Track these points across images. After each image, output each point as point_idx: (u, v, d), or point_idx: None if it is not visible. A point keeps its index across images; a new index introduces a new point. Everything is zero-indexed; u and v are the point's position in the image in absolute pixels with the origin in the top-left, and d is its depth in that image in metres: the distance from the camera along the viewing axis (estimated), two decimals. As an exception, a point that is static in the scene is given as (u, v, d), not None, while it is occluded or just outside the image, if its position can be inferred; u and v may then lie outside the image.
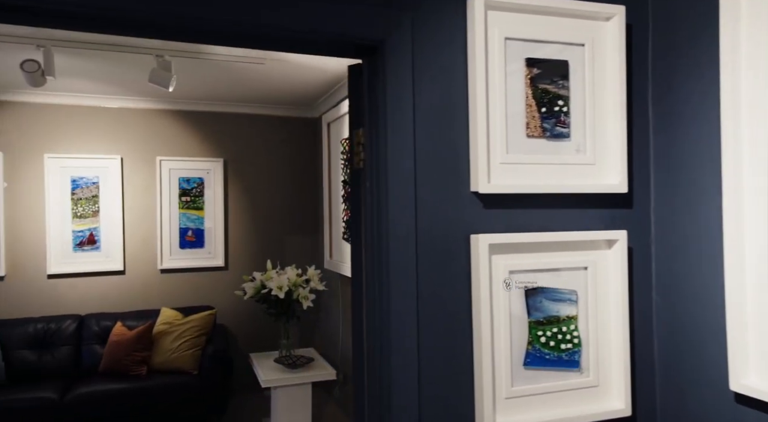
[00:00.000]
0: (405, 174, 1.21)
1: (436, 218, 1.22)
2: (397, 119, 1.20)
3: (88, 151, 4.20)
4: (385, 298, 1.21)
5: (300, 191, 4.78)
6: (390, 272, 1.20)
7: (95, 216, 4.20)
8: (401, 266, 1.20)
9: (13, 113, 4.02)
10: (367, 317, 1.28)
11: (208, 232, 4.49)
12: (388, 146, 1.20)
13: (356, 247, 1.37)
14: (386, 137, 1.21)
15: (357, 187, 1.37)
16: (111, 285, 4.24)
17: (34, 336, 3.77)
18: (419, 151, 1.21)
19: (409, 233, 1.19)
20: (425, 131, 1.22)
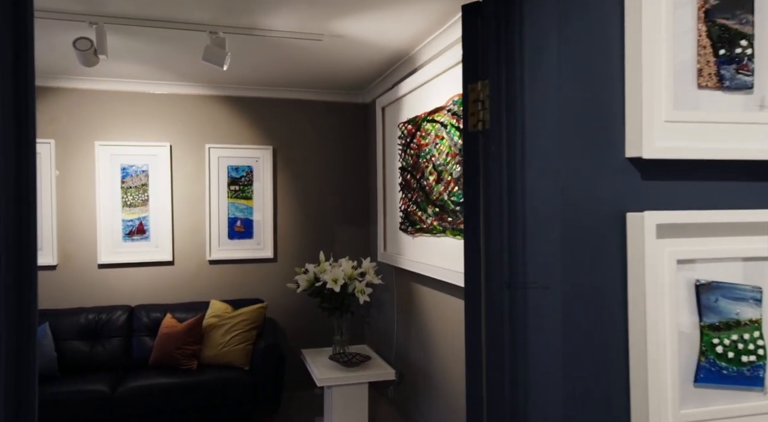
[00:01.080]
0: (546, 135, 0.95)
1: (582, 192, 0.96)
2: (536, 65, 0.94)
3: (138, 138, 4.10)
4: (520, 299, 0.95)
5: (351, 180, 4.57)
6: (527, 263, 0.94)
7: (144, 205, 4.10)
8: (542, 256, 0.94)
9: (65, 100, 3.95)
10: (489, 326, 1.03)
11: (257, 222, 4.33)
12: (525, 100, 0.95)
13: (473, 234, 1.12)
14: (522, 90, 0.95)
15: (473, 154, 1.12)
16: (160, 276, 4.13)
17: (85, 326, 3.69)
18: (563, 106, 0.95)
19: (553, 212, 0.94)
20: (571, 81, 0.96)
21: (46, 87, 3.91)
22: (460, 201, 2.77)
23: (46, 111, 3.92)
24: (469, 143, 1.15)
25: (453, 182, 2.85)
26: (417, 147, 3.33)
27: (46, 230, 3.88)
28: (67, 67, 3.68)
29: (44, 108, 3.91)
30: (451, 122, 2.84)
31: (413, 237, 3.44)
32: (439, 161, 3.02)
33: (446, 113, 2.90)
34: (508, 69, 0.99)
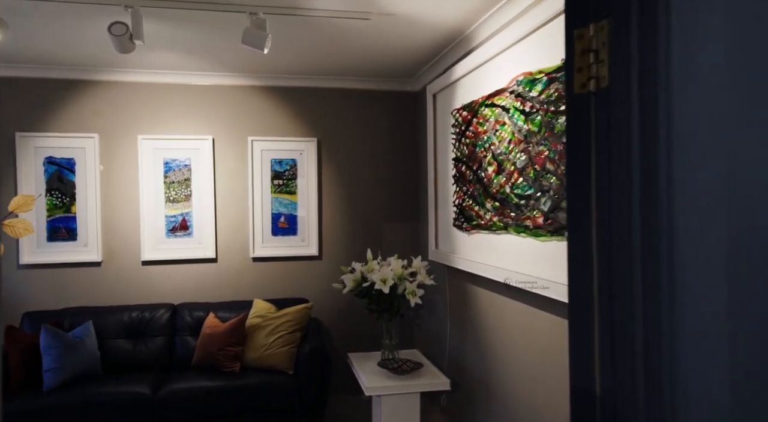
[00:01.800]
0: (708, 93, 0.65)
1: (754, 167, 0.66)
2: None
3: (181, 131, 3.98)
4: (665, 315, 0.66)
5: (399, 173, 4.31)
6: (674, 268, 0.65)
7: (187, 200, 3.98)
8: (698, 258, 0.65)
9: (108, 93, 3.88)
10: (617, 350, 0.75)
11: (301, 218, 4.14)
12: (673, 40, 0.65)
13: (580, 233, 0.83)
14: (668, 25, 0.66)
15: (580, 125, 0.83)
16: (203, 273, 4.01)
17: (129, 324, 3.60)
18: (740, 46, 0.65)
19: (717, 202, 0.64)
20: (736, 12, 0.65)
21: (88, 80, 3.84)
22: (524, 194, 2.46)
23: (89, 104, 3.85)
24: (574, 110, 0.86)
25: (516, 172, 2.54)
26: (473, 135, 3.03)
27: (91, 226, 3.83)
28: (110, 60, 3.59)
29: (88, 101, 3.85)
30: (515, 105, 2.53)
31: (469, 234, 3.15)
32: (500, 150, 2.71)
33: (509, 95, 2.59)
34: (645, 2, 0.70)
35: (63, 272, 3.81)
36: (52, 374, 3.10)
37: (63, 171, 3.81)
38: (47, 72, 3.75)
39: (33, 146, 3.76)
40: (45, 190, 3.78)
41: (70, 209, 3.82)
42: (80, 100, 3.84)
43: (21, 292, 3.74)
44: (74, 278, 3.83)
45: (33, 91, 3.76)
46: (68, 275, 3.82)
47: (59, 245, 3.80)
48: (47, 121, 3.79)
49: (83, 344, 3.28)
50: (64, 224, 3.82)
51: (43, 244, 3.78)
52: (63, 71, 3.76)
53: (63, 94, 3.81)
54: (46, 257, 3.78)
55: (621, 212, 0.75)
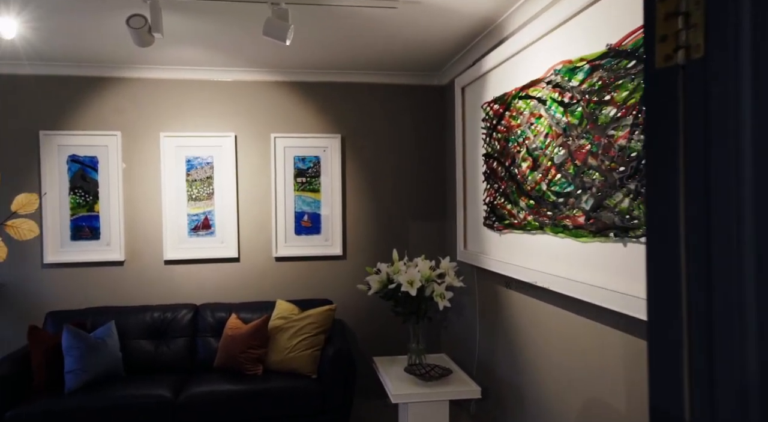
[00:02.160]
0: None
1: None
2: None
3: (203, 128, 3.91)
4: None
5: (426, 170, 4.17)
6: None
7: (209, 199, 3.91)
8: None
9: (130, 90, 3.83)
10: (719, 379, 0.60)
11: (324, 217, 4.04)
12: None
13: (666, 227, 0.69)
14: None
15: (664, 105, 0.68)
16: (225, 273, 3.94)
17: (151, 325, 3.55)
18: None
19: None
20: None
21: (110, 77, 3.80)
22: (563, 191, 2.30)
23: (111, 102, 3.81)
24: (655, 88, 0.71)
25: (554, 168, 2.37)
26: (506, 129, 2.87)
27: (114, 225, 3.79)
28: (131, 57, 3.54)
29: (110, 99, 3.81)
30: (552, 97, 2.36)
31: (500, 234, 2.99)
32: (535, 145, 2.54)
33: (545, 85, 2.42)
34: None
35: (86, 271, 3.78)
36: (74, 375, 3.05)
37: (86, 169, 3.78)
38: (70, 70, 3.72)
39: (57, 145, 3.74)
40: (68, 188, 3.75)
41: (93, 207, 3.79)
42: (102, 98, 3.80)
43: (45, 291, 3.73)
44: (97, 278, 3.79)
45: (56, 89, 3.74)
46: (91, 274, 3.79)
47: (82, 244, 3.78)
48: (70, 119, 3.77)
49: (105, 345, 3.23)
50: (87, 223, 3.79)
51: (67, 243, 3.76)
52: (85, 69, 3.73)
53: (85, 92, 3.78)
54: (69, 257, 3.75)
55: (724, 210, 0.60)
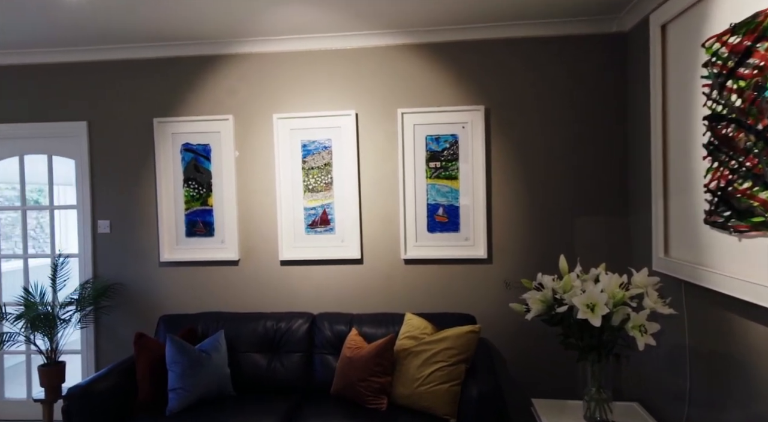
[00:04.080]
0: None
1: None
2: None
3: (319, 107, 3.34)
4: None
5: (599, 149, 3.14)
6: None
7: (328, 190, 3.33)
8: None
9: (242, 68, 3.38)
10: None
11: (464, 210, 3.23)
12: None
13: None
14: None
15: None
16: (346, 278, 3.34)
17: (263, 336, 3.07)
18: None
19: None
20: None
21: (222, 55, 3.38)
22: None
23: (223, 82, 3.40)
24: None
25: None
26: (758, 72, 1.79)
27: (228, 220, 3.39)
28: (242, 29, 3.06)
29: (222, 79, 3.40)
30: None
31: (739, 237, 1.92)
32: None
33: None
34: None
35: (200, 270, 3.44)
36: (176, 395, 2.66)
37: (199, 159, 3.42)
38: (181, 49, 3.37)
39: (170, 133, 3.43)
40: (182, 180, 3.43)
41: (206, 201, 3.43)
42: (215, 79, 3.40)
43: (160, 292, 3.46)
44: (211, 278, 3.43)
45: (168, 72, 3.42)
46: (205, 274, 3.44)
47: (197, 241, 3.44)
48: (183, 104, 3.43)
49: (210, 360, 2.80)
50: (201, 217, 3.44)
51: (182, 240, 3.45)
52: (197, 47, 3.35)
53: (197, 74, 3.41)
54: (184, 255, 3.44)
55: None
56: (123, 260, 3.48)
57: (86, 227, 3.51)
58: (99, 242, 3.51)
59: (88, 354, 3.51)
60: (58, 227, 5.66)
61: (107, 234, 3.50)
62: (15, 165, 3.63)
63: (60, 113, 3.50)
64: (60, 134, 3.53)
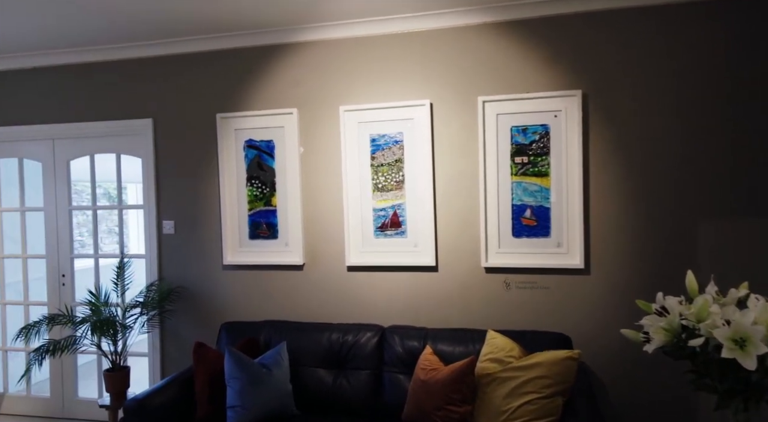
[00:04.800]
0: None
1: None
2: None
3: (390, 97, 3.01)
4: None
5: (730, 137, 2.58)
6: None
7: (399, 188, 3.01)
8: None
9: (306, 57, 3.13)
10: None
11: (556, 212, 2.79)
12: None
13: None
14: None
15: None
16: (419, 286, 3.00)
17: (329, 349, 2.81)
18: None
19: None
20: None
21: (285, 44, 3.14)
22: None
23: (286, 74, 3.16)
24: None
25: None
26: None
27: (292, 222, 3.16)
28: (307, 13, 2.80)
29: (285, 70, 3.16)
30: None
31: None
32: None
33: None
34: None
35: (263, 275, 3.24)
36: (235, 413, 2.44)
37: (263, 156, 3.21)
38: (243, 40, 3.17)
39: (233, 129, 3.24)
40: (245, 179, 3.24)
41: (270, 200, 3.22)
42: (278, 70, 3.17)
43: (223, 296, 3.29)
44: (275, 283, 3.22)
45: (231, 64, 3.24)
46: (269, 279, 3.23)
47: (260, 243, 3.24)
48: (246, 98, 3.23)
49: (270, 375, 2.56)
50: (264, 218, 3.23)
51: (246, 242, 3.26)
52: (259, 37, 3.14)
53: (260, 65, 3.19)
54: (247, 258, 3.25)
55: None
56: (186, 262, 3.35)
57: (152, 227, 3.41)
58: (164, 243, 3.40)
59: (154, 357, 3.42)
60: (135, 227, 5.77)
61: (171, 235, 3.38)
62: (105, 164, 3.59)
63: (126, 111, 3.42)
64: (127, 132, 3.46)
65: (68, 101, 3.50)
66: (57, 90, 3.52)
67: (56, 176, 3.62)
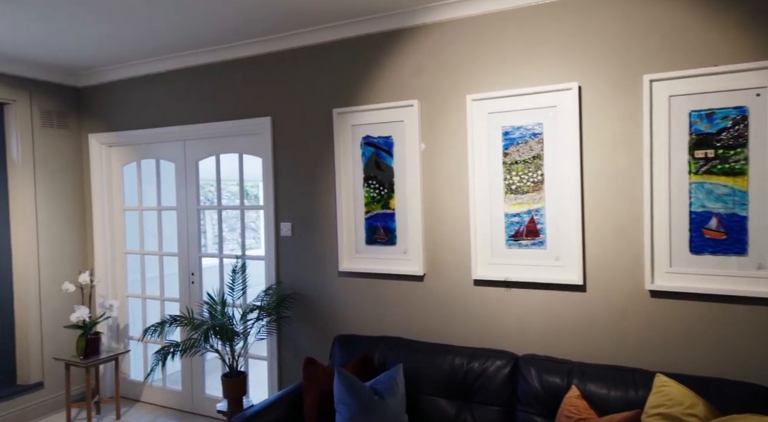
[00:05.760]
0: None
1: None
2: None
3: (526, 82, 2.53)
4: None
5: None
6: None
7: (537, 190, 2.51)
8: None
9: (429, 41, 2.76)
10: None
11: (755, 222, 2.10)
12: None
13: None
14: None
15: None
16: (561, 308, 2.48)
17: (451, 376, 2.43)
18: None
19: None
20: None
21: (405, 28, 2.80)
22: None
23: (408, 61, 2.83)
24: None
25: None
26: None
27: (412, 226, 2.83)
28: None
29: (405, 57, 2.83)
30: None
31: None
32: None
33: None
34: None
35: (380, 284, 2.95)
36: (343, 443, 2.18)
37: (380, 154, 2.92)
38: (359, 28, 2.90)
39: (350, 125, 3.00)
40: (362, 179, 2.98)
41: (388, 203, 2.92)
42: (397, 58, 2.85)
43: (338, 305, 3.07)
44: (392, 295, 2.92)
45: (346, 55, 2.99)
46: (386, 289, 2.94)
47: (377, 249, 2.95)
48: (363, 91, 2.96)
49: (384, 404, 2.25)
50: (382, 222, 2.94)
51: (362, 247, 3.00)
52: (376, 22, 2.84)
53: (378, 54, 2.90)
54: (363, 265, 2.99)
55: None
56: (303, 266, 3.20)
57: (270, 228, 3.32)
58: (282, 246, 3.28)
59: (272, 362, 3.32)
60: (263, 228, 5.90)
61: (289, 237, 3.24)
62: (232, 164, 3.61)
63: (248, 110, 3.36)
64: (248, 132, 3.40)
65: (196, 102, 3.54)
66: (187, 92, 3.58)
67: (186, 177, 3.70)
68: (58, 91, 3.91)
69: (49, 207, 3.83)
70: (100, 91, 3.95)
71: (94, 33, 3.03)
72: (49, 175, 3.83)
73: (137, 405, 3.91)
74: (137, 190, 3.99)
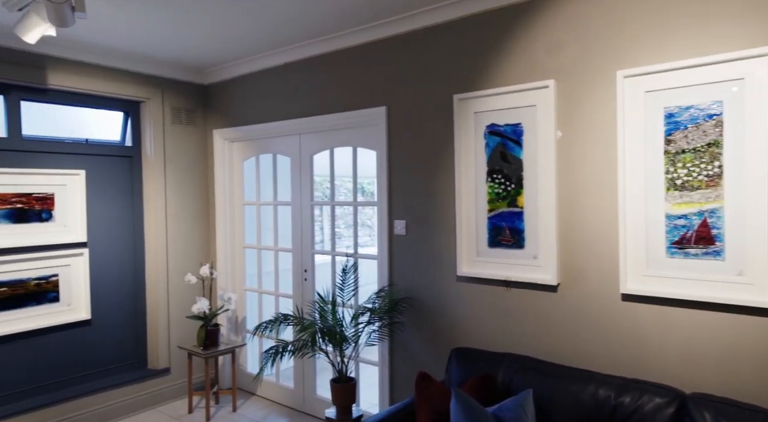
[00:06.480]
0: None
1: None
2: None
3: (701, 49, 2.01)
4: None
5: None
6: None
7: (712, 186, 1.99)
8: None
9: (569, 11, 2.34)
10: None
11: None
12: None
13: None
14: None
15: None
16: (741, 338, 1.94)
17: (594, 410, 2.01)
18: None
19: None
20: None
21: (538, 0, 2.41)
22: None
23: (541, 37, 2.43)
24: None
25: None
26: None
27: (543, 228, 2.43)
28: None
29: (538, 33, 2.43)
30: None
31: None
32: None
33: None
34: None
35: (504, 293, 2.59)
36: (461, 479, 1.87)
37: (507, 144, 2.56)
38: (486, 2, 2.56)
39: (473, 112, 2.67)
40: (485, 173, 2.63)
41: (515, 200, 2.54)
42: (529, 34, 2.46)
43: (455, 313, 2.76)
44: (519, 305, 2.54)
45: (470, 33, 2.66)
46: (511, 298, 2.57)
47: (502, 253, 2.60)
48: (488, 73, 2.61)
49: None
50: (508, 222, 2.57)
51: (484, 250, 2.66)
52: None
53: (506, 31, 2.53)
54: (485, 269, 2.65)
55: None
56: (417, 267, 2.93)
57: (383, 226, 3.10)
58: (395, 245, 3.05)
59: (383, 370, 3.11)
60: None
61: (403, 236, 3.00)
62: (347, 158, 3.47)
63: (362, 100, 3.17)
64: (362, 124, 3.21)
65: (311, 94, 3.44)
66: (300, 83, 3.49)
67: (301, 171, 3.63)
68: (186, 88, 4.06)
69: (177, 201, 3.99)
70: (223, 88, 4.03)
71: (217, 30, 3.03)
72: (178, 170, 3.99)
73: (252, 398, 3.95)
74: (256, 184, 4.01)
